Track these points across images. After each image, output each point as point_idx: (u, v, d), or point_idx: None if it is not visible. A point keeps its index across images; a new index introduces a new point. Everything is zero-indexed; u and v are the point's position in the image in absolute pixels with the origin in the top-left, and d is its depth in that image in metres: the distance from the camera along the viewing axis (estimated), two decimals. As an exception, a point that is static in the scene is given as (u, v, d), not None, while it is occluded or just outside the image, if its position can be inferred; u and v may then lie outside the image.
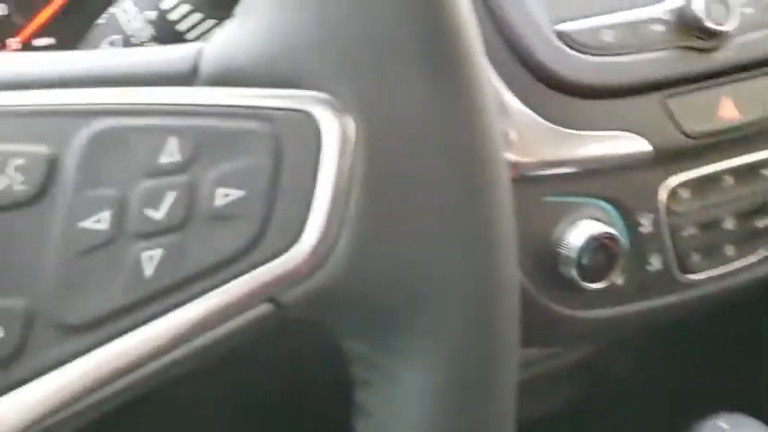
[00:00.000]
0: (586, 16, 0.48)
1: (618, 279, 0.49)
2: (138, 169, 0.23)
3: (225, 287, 0.23)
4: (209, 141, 0.24)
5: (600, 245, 0.47)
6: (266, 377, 0.49)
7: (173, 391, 0.25)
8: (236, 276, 0.24)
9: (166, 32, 0.36)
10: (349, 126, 0.24)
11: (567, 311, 0.50)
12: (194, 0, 0.36)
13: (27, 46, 0.55)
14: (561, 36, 0.48)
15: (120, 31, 0.36)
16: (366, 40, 0.24)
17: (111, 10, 0.38)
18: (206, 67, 0.24)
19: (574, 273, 0.48)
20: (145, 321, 0.23)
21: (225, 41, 0.25)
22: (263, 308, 0.24)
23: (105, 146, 0.23)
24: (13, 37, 0.55)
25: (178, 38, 0.36)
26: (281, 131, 0.24)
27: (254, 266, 0.24)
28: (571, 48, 0.48)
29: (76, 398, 0.23)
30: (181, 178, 0.24)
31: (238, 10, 0.26)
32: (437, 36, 0.24)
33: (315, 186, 0.24)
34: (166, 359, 0.23)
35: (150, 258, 0.23)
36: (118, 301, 0.23)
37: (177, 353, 0.23)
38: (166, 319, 0.23)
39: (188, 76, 0.25)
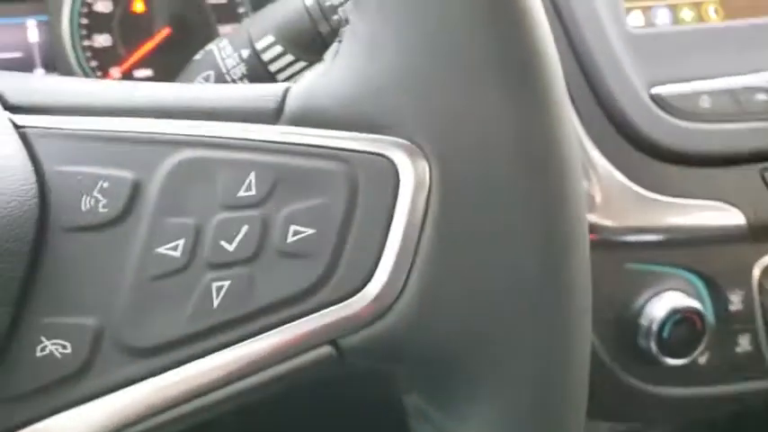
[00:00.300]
0: (684, 80, 0.47)
1: (701, 357, 0.46)
2: (216, 201, 0.24)
3: (287, 325, 0.23)
4: (287, 179, 0.24)
5: (683, 319, 0.45)
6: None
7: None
8: (299, 316, 0.23)
9: (258, 72, 0.37)
10: (425, 174, 0.24)
11: (644, 386, 0.47)
12: (287, 43, 0.37)
13: (127, 76, 0.58)
14: (656, 99, 0.46)
15: (215, 67, 0.38)
16: (447, 90, 0.24)
17: (209, 47, 0.39)
18: (291, 107, 0.25)
19: (653, 346, 0.46)
20: (208, 352, 0.23)
21: (311, 83, 0.25)
22: (324, 350, 0.24)
23: (188, 176, 0.24)
24: (115, 66, 0.58)
25: (269, 78, 0.37)
26: (357, 174, 0.24)
27: (319, 308, 0.23)
28: (666, 112, 0.46)
29: (133, 422, 0.23)
30: (256, 213, 0.24)
31: (327, 54, 0.26)
32: (521, 89, 0.24)
33: (386, 232, 0.24)
34: (225, 392, 0.23)
35: (219, 289, 0.23)
36: (184, 329, 0.23)
37: (236, 386, 0.23)
38: (229, 351, 0.23)
39: (273, 114, 0.25)
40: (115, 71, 0.57)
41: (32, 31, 0.58)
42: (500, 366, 0.25)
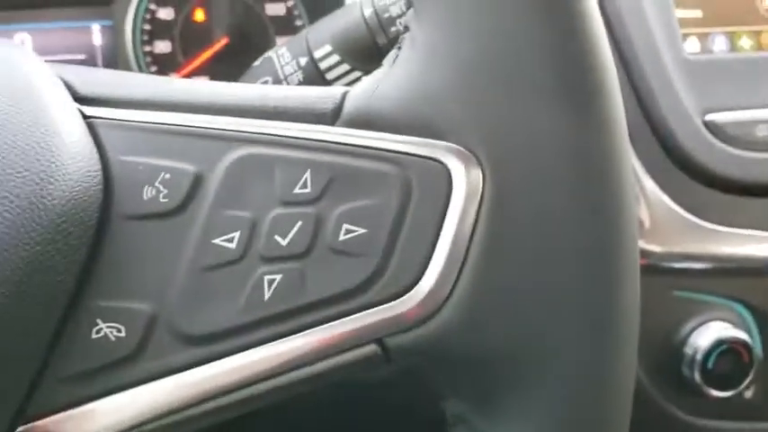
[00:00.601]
0: (740, 108, 0.46)
1: (747, 391, 0.45)
2: (272, 196, 0.24)
3: (335, 322, 0.24)
4: (341, 178, 0.24)
5: (729, 350, 0.44)
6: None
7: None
8: (347, 313, 0.24)
9: (314, 80, 0.38)
10: (478, 181, 0.24)
11: (686, 417, 0.47)
12: (344, 52, 0.37)
13: (185, 83, 0.59)
14: (710, 126, 0.46)
15: (273, 73, 0.38)
16: (503, 101, 0.24)
17: (267, 54, 0.40)
18: (348, 109, 0.25)
19: (697, 376, 0.45)
20: (257, 343, 0.23)
21: (369, 87, 0.25)
22: (370, 349, 0.24)
23: (246, 171, 0.24)
24: (173, 73, 0.59)
25: (324, 86, 0.38)
26: (410, 177, 0.24)
27: (367, 306, 0.24)
28: (720, 139, 0.46)
29: (180, 408, 0.23)
30: (310, 210, 0.24)
31: (385, 61, 0.27)
32: (579, 106, 0.24)
33: (437, 236, 0.24)
34: (272, 384, 0.23)
35: (270, 282, 0.24)
36: (235, 319, 0.23)
37: (282, 379, 0.23)
38: (277, 344, 0.23)
39: (331, 116, 0.25)
40: (173, 77, 0.59)
41: (96, 34, 0.60)
42: (542, 378, 0.24)
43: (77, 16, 0.60)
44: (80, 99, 0.25)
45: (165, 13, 0.60)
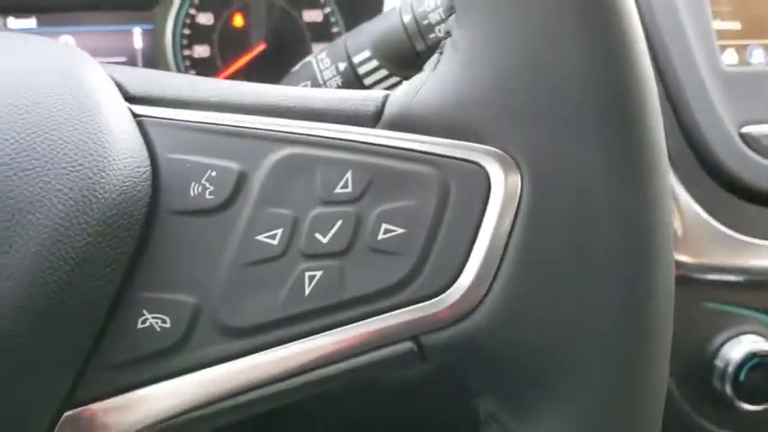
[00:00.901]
0: (777, 121, 0.46)
1: (779, 405, 0.45)
2: (314, 196, 0.25)
3: (373, 319, 0.24)
4: (382, 179, 0.25)
5: (761, 363, 0.44)
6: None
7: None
8: (384, 310, 0.24)
9: (353, 84, 0.39)
10: (516, 183, 0.24)
11: (713, 429, 0.46)
12: (382, 58, 0.38)
13: (223, 87, 0.61)
14: (746, 138, 0.46)
15: (312, 77, 0.39)
16: (543, 104, 0.24)
17: (307, 59, 0.41)
18: (389, 112, 0.26)
19: (728, 389, 0.45)
20: (297, 337, 0.24)
21: (410, 91, 0.26)
22: (406, 346, 0.24)
23: (289, 170, 0.25)
24: (212, 77, 0.60)
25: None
26: (449, 178, 0.25)
27: (404, 304, 0.24)
28: (755, 151, 0.46)
29: (221, 398, 0.24)
30: (350, 209, 0.25)
31: (426, 65, 0.27)
32: (619, 114, 0.24)
33: (474, 238, 0.24)
34: (309, 377, 0.24)
35: (311, 279, 0.24)
36: (277, 313, 0.24)
37: (320, 373, 0.24)
38: (316, 338, 0.24)
39: (372, 118, 0.26)
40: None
41: (137, 38, 0.61)
42: (573, 378, 0.25)
43: (119, 20, 0.61)
44: (130, 98, 0.26)
45: (205, 18, 0.61)
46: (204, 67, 0.61)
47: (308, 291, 0.24)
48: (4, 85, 0.24)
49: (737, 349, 0.45)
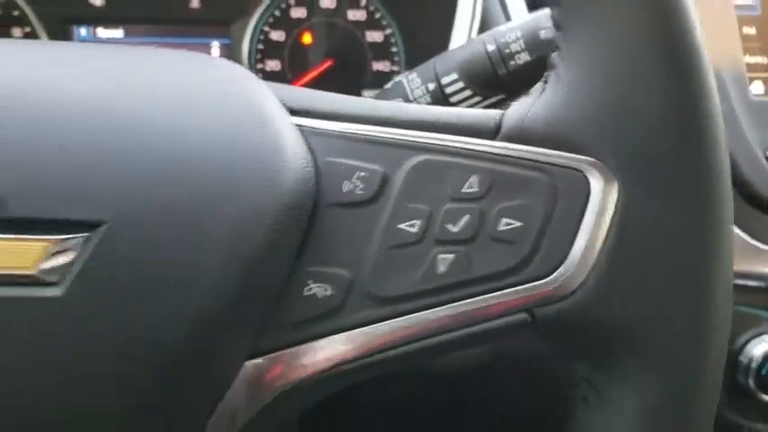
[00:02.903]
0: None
1: (796, 397, 0.50)
2: (445, 194, 0.30)
3: (495, 293, 0.30)
4: (501, 182, 0.30)
5: (781, 360, 0.49)
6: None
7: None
8: (505, 287, 0.30)
9: (439, 102, 0.44)
10: (613, 190, 0.30)
11: (740, 420, 0.51)
12: (468, 80, 0.44)
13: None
14: (771, 159, 0.52)
15: (403, 95, 0.45)
16: (639, 126, 0.29)
17: (398, 78, 0.46)
18: (506, 127, 0.31)
19: (751, 382, 0.50)
20: (432, 306, 0.29)
21: (523, 110, 0.31)
22: (521, 317, 0.30)
23: (424, 173, 0.31)
24: (283, 89, 0.66)
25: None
26: (557, 183, 0.30)
27: (521, 283, 0.30)
28: (779, 171, 0.51)
29: (368, 353, 0.29)
30: (475, 206, 0.30)
31: (533, 91, 0.33)
32: (693, 141, 0.29)
33: (577, 231, 0.30)
34: (442, 339, 0.30)
35: (444, 260, 0.30)
36: (416, 286, 0.29)
37: (451, 335, 0.30)
38: (448, 308, 0.29)
39: (492, 132, 0.31)
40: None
41: (215, 51, 0.66)
42: (653, 349, 0.30)
43: (200, 33, 0.66)
44: (292, 111, 0.32)
45: (277, 35, 0.67)
46: (275, 80, 0.64)
47: (440, 270, 0.30)
48: (195, 100, 0.30)
49: (760, 347, 0.50)
